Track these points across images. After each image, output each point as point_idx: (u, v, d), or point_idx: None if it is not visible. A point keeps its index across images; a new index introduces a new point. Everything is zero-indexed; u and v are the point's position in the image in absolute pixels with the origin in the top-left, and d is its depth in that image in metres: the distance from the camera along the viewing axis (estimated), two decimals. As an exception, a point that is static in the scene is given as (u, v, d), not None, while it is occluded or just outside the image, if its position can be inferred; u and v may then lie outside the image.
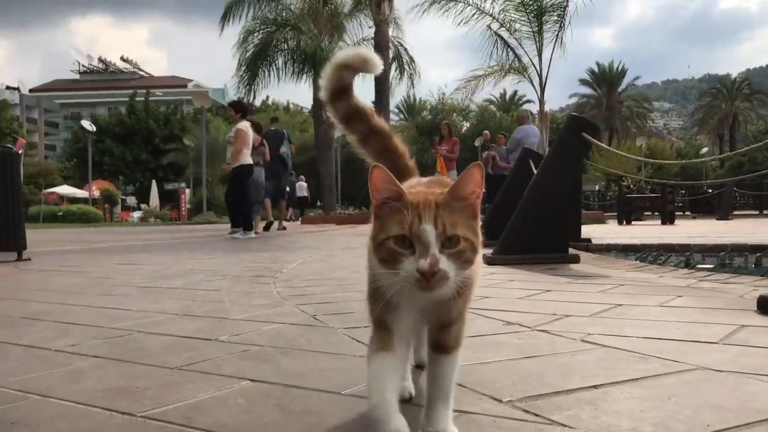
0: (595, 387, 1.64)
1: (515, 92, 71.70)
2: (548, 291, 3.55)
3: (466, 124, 55.75)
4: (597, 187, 43.52)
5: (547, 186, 5.30)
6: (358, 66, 1.61)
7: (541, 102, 23.39)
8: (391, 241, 1.12)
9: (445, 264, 1.09)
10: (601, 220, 19.22)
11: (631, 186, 23.11)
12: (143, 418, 1.48)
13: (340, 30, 28.46)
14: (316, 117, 27.96)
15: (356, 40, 28.04)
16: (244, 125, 11.37)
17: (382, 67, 1.62)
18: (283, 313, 2.97)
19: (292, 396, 1.63)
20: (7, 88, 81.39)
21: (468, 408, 1.48)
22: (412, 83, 29.71)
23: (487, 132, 20.24)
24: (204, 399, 1.62)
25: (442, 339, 1.25)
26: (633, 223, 18.49)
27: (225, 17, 27.92)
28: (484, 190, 1.20)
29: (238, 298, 3.55)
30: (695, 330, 2.36)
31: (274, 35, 27.24)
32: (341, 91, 1.61)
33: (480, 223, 1.20)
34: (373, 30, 25.39)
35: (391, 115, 51.60)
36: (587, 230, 9.01)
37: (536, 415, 1.43)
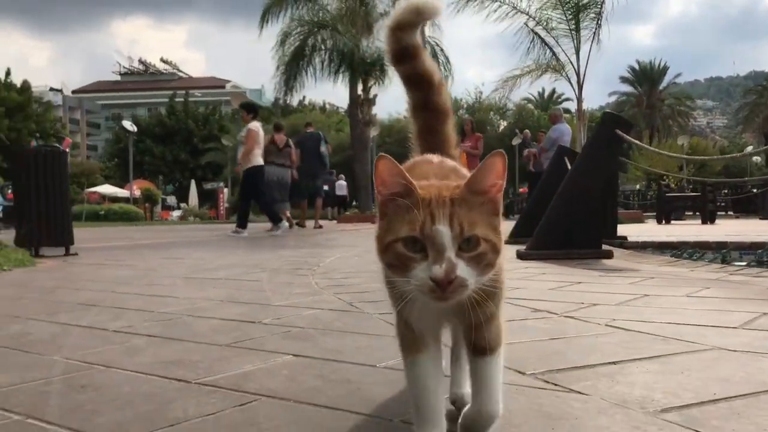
0: (613, 363, 1.75)
1: (554, 90, 71.15)
2: (579, 283, 3.65)
3: (504, 123, 55.61)
4: (638, 187, 43.02)
5: (581, 182, 5.37)
6: (413, 21, 1.41)
7: (579, 100, 23.27)
8: (400, 244, 1.00)
9: (463, 270, 0.97)
10: (639, 220, 19.05)
11: (672, 185, 22.85)
12: (198, 384, 1.64)
13: (376, 29, 28.59)
14: (351, 117, 28.13)
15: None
16: (255, 126, 11.57)
17: (441, 10, 1.44)
18: (321, 300, 3.13)
19: (332, 368, 1.78)
20: (51, 89, 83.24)
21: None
22: (448, 84, 29.74)
23: (527, 131, 20.18)
24: (251, 369, 1.77)
25: (477, 341, 1.14)
26: (672, 222, 18.30)
27: (263, 19, 28.28)
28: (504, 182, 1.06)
29: (279, 287, 3.71)
30: (717, 317, 2.45)
31: (311, 36, 27.52)
32: (403, 53, 1.42)
33: (501, 219, 1.08)
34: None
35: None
36: (625, 229, 9.00)
37: (555, 384, 1.55)
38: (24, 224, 7.20)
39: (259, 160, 11.49)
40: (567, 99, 60.65)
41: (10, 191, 16.61)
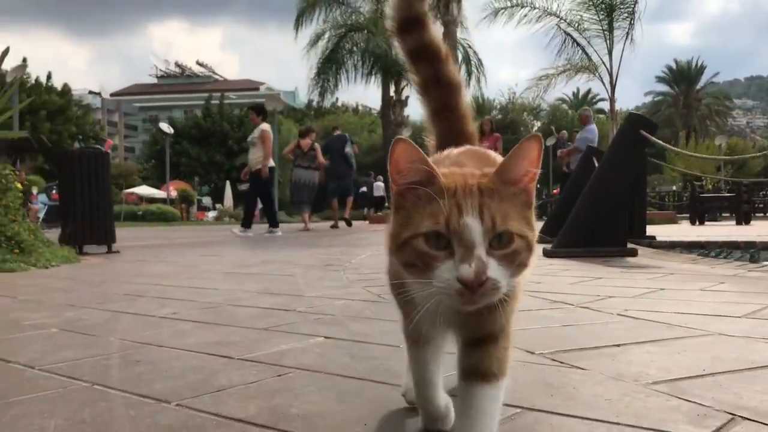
0: (617, 345, 1.91)
1: (589, 90, 70.56)
2: (599, 278, 3.78)
3: (537, 123, 55.35)
4: (674, 188, 42.53)
5: (606, 182, 5.49)
6: None
7: (612, 100, 23.23)
8: (421, 239, 0.89)
9: (494, 270, 0.87)
10: (673, 221, 18.92)
11: (708, 186, 22.60)
12: (240, 360, 1.84)
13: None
14: (384, 118, 28.36)
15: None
16: (268, 127, 11.81)
17: None
18: (351, 292, 3.32)
19: (360, 347, 1.97)
20: (90, 92, 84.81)
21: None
22: (479, 86, 29.79)
23: (564, 132, 20.11)
24: (287, 348, 1.97)
25: (481, 362, 1.03)
26: (706, 223, 18.15)
27: (298, 22, 28.65)
28: (541, 169, 0.96)
29: (311, 281, 3.92)
30: (725, 308, 2.59)
31: (345, 39, 27.79)
32: (411, 21, 1.29)
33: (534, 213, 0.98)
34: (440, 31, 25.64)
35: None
36: (657, 230, 9.06)
37: (561, 362, 1.72)
38: (69, 223, 7.53)
39: (271, 162, 11.76)
40: (602, 99, 60.16)
41: (54, 191, 17.11)
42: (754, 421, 1.21)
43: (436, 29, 1.31)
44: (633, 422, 1.21)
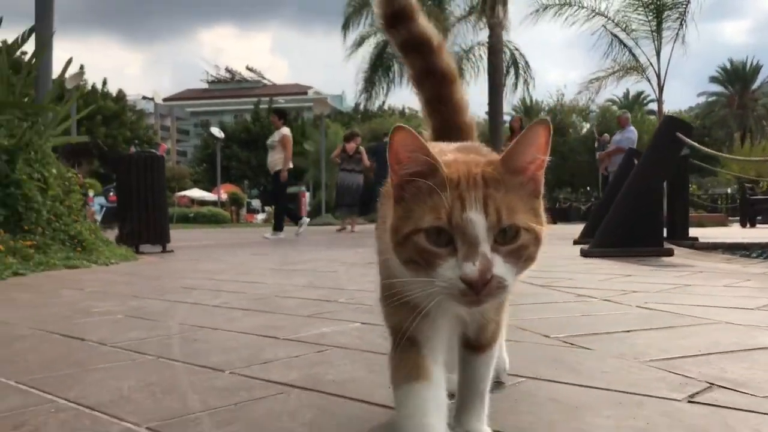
0: (627, 331, 2.08)
1: (641, 92, 69.36)
2: (628, 275, 3.92)
3: (587, 126, 54.70)
4: (729, 190, 41.60)
5: (642, 183, 5.59)
6: None
7: (659, 102, 23.00)
8: (422, 236, 0.85)
9: (500, 268, 0.83)
10: (723, 223, 18.64)
11: (764, 188, 22.13)
12: (285, 340, 2.07)
13: (451, 33, 28.83)
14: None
15: (468, 44, 28.32)
16: (288, 131, 12.05)
17: None
18: (390, 287, 3.53)
19: (392, 331, 2.18)
20: (144, 98, 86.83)
21: (518, 339, 1.97)
22: (527, 88, 29.68)
23: (606, 135, 19.99)
24: (327, 331, 2.20)
25: (478, 338, 1.06)
26: (758, 226, 17.83)
27: (345, 26, 29.02)
28: (549, 157, 0.91)
29: (354, 277, 4.15)
30: (741, 301, 2.72)
31: (390, 42, 28.03)
32: (397, 15, 1.25)
33: (543, 204, 0.93)
34: (481, 33, 25.74)
35: (509, 117, 51.25)
36: (705, 232, 9.07)
37: (571, 344, 1.90)
38: (126, 224, 7.94)
39: (289, 164, 12.01)
40: (652, 100, 59.02)
41: (112, 194, 17.76)
42: (728, 388, 1.38)
43: (425, 20, 1.27)
44: (621, 388, 1.40)
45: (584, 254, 5.59)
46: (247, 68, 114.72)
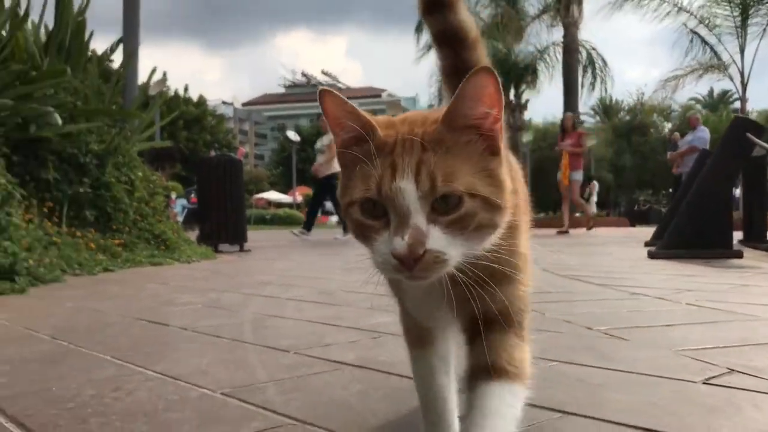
0: (668, 325, 2.19)
1: (727, 90, 66.89)
2: (690, 276, 3.96)
3: (668, 125, 53.14)
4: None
5: (711, 185, 5.55)
6: None
7: (743, 100, 22.24)
8: (356, 208, 0.80)
9: (437, 241, 0.75)
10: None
11: None
12: (346, 327, 2.28)
13: (523, 33, 28.63)
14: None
15: (543, 43, 28.07)
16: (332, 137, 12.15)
17: None
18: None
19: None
20: (223, 102, 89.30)
21: (559, 330, 2.11)
22: (605, 88, 29.18)
23: (677, 134, 19.47)
24: (384, 321, 2.38)
25: (491, 355, 0.86)
26: None
27: (418, 29, 29.23)
28: (501, 113, 0.80)
29: (418, 275, 4.33)
30: (793, 300, 2.77)
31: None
32: (436, 2, 1.12)
33: (503, 162, 0.82)
34: (556, 33, 25.50)
35: (587, 117, 50.36)
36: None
37: (610, 335, 2.03)
38: (206, 224, 8.36)
39: (337, 167, 12.14)
40: (738, 99, 57.03)
41: (193, 196, 18.50)
42: (745, 374, 1.49)
43: (466, 11, 1.14)
44: (644, 371, 1.53)
45: (651, 256, 5.60)
46: (323, 72, 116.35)
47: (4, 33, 5.56)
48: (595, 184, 26.48)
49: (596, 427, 1.16)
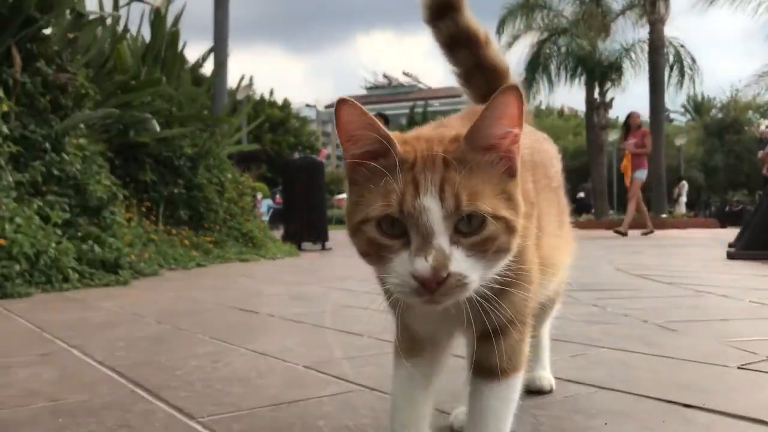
0: (724, 320, 2.30)
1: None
2: (764, 276, 3.96)
3: (765, 122, 50.85)
4: None
5: (794, 185, 5.46)
6: None
7: (843, 96, 21.13)
8: (372, 225, 0.76)
9: (460, 263, 0.73)
10: None
11: None
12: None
13: (609, 30, 28.05)
14: (588, 120, 27.84)
15: (628, 41, 27.43)
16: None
17: None
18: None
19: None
20: (306, 105, 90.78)
21: (615, 322, 2.25)
22: (694, 85, 28.23)
23: (765, 129, 18.56)
24: (452, 312, 2.58)
25: (488, 357, 0.87)
26: None
27: (499, 30, 29.08)
28: (519, 131, 0.79)
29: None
30: None
31: (547, 43, 27.77)
32: (445, 6, 1.13)
33: (519, 185, 0.81)
34: (642, 30, 24.93)
35: (677, 115, 48.81)
36: None
37: (665, 328, 2.15)
38: (290, 224, 8.74)
39: None
40: None
41: (278, 196, 19.11)
42: (780, 361, 1.62)
43: (470, 12, 1.15)
44: (684, 357, 1.67)
45: (729, 257, 5.55)
46: (404, 73, 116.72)
47: (106, 47, 6.04)
48: (684, 184, 25.73)
49: (624, 398, 1.32)
